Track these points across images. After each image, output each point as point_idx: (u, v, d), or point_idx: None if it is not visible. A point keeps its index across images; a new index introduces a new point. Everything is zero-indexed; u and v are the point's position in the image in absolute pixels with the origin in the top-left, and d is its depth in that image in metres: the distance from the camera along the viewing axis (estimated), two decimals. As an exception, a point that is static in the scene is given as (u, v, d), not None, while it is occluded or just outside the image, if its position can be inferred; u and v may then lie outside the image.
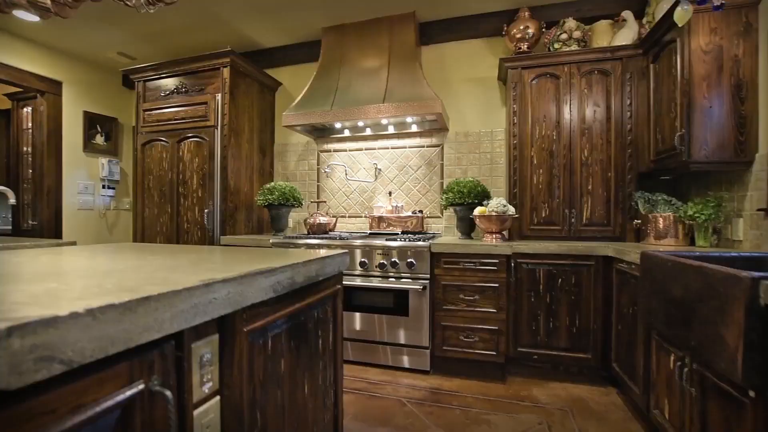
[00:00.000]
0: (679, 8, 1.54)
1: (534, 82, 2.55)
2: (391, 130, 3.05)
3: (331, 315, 1.29)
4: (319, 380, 1.20)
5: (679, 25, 1.73)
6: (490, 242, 2.34)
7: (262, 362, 0.90)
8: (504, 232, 2.47)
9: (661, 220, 2.18)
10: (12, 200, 1.47)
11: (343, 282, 1.42)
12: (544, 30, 2.64)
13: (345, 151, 3.26)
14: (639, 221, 2.32)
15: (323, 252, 1.26)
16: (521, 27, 2.61)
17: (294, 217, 3.35)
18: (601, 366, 2.22)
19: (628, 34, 2.44)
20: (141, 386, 0.58)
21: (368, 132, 3.11)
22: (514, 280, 2.31)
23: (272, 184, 2.93)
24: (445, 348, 2.35)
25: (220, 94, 2.87)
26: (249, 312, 0.84)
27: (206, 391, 0.73)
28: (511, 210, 2.36)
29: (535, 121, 2.54)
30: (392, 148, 3.14)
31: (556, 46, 2.57)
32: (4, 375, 0.40)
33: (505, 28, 2.69)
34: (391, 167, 3.13)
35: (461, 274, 2.31)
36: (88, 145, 3.69)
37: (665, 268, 1.45)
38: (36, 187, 3.53)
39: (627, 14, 2.46)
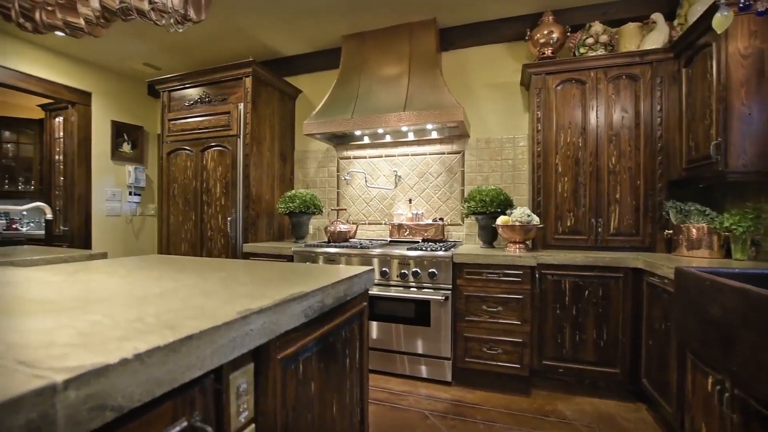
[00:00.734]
0: (718, 14, 1.47)
1: (559, 87, 2.49)
2: (411, 136, 3.03)
3: (358, 333, 1.28)
4: (346, 399, 1.20)
5: (718, 32, 1.66)
6: (514, 253, 2.30)
7: (294, 387, 0.90)
8: (528, 242, 2.43)
9: (694, 231, 2.10)
10: (48, 215, 1.52)
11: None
12: (569, 34, 2.58)
13: (365, 158, 3.26)
14: (670, 231, 2.24)
15: (350, 270, 1.25)
16: (545, 32, 2.55)
17: (314, 223, 3.37)
18: (630, 381, 2.15)
19: (658, 37, 2.36)
20: (184, 424, 0.58)
21: (388, 139, 3.11)
22: (538, 292, 2.27)
23: (293, 192, 2.96)
24: (467, 359, 2.32)
25: (242, 104, 2.91)
26: (282, 339, 0.84)
27: (242, 420, 0.74)
28: (536, 220, 2.32)
29: (559, 127, 2.49)
30: (412, 155, 3.12)
31: (582, 50, 2.51)
32: (61, 427, 0.41)
33: (529, 33, 2.64)
34: (411, 174, 3.12)
35: (484, 285, 2.28)
36: (116, 154, 3.81)
37: (702, 286, 1.39)
38: (67, 194, 3.66)
39: (657, 17, 2.38)
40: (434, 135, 2.97)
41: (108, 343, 0.53)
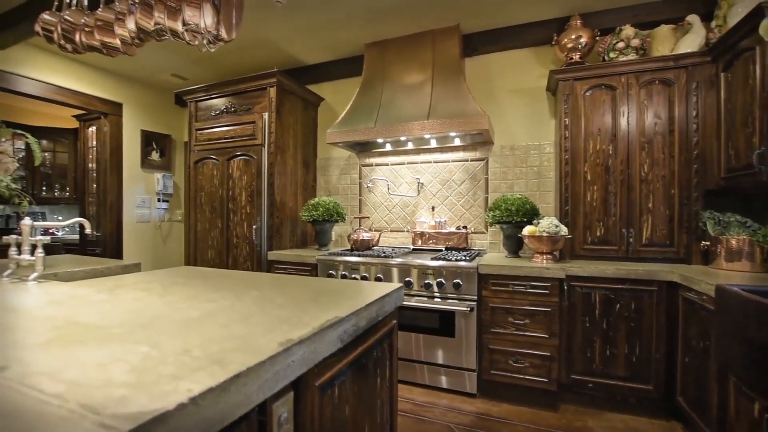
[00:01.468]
0: (765, 21, 1.40)
1: (587, 93, 2.43)
2: (433, 144, 3.01)
3: (388, 351, 1.28)
4: (377, 418, 1.20)
5: (766, 39, 1.58)
6: (541, 264, 2.25)
7: (330, 411, 0.91)
8: (555, 252, 2.37)
9: (734, 243, 2.00)
10: (88, 230, 1.58)
11: (397, 315, 1.41)
12: (597, 38, 2.51)
13: (387, 165, 3.26)
14: (707, 243, 2.15)
15: (381, 288, 1.25)
16: (573, 36, 2.49)
17: (336, 230, 3.39)
18: (664, 398, 2.07)
19: (694, 40, 2.27)
20: (232, 459, 0.59)
21: (410, 146, 3.10)
22: (567, 304, 2.21)
23: (316, 200, 2.98)
24: (492, 372, 2.28)
25: (267, 113, 2.96)
26: (319, 365, 0.84)
27: (282, 449, 0.75)
28: (564, 230, 2.26)
29: (588, 134, 2.42)
30: (435, 162, 3.10)
31: (612, 55, 2.44)
32: (124, 475, 0.42)
33: (555, 38, 2.59)
34: (433, 181, 3.10)
35: (510, 297, 2.24)
36: (145, 162, 3.93)
37: (747, 308, 1.32)
38: (99, 201, 3.80)
39: (693, 18, 2.29)
40: (457, 142, 2.94)
41: (162, 382, 0.54)
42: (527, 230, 2.33)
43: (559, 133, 2.55)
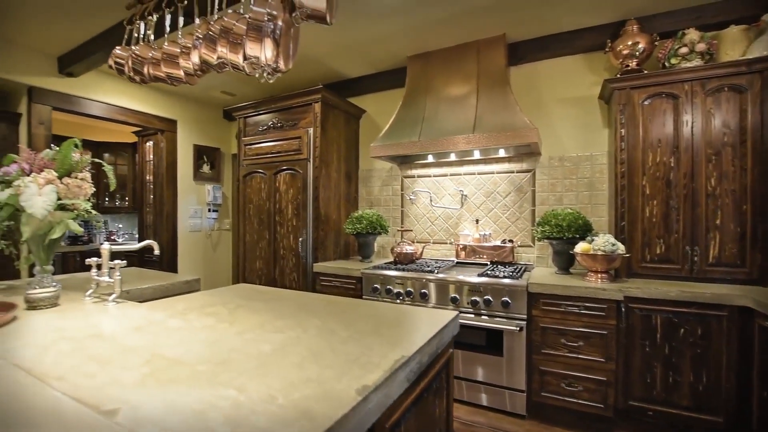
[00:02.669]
0: None
1: (646, 102, 2.29)
2: (477, 155, 2.96)
3: (446, 381, 1.28)
4: (435, 450, 1.20)
5: None
6: (596, 283, 2.15)
7: (396, 450, 0.92)
8: (611, 271, 2.26)
9: (820, 266, 1.82)
10: (156, 251, 1.69)
11: (453, 342, 1.39)
12: (657, 43, 2.37)
13: (429, 176, 3.25)
14: (787, 264, 1.97)
15: (439, 318, 1.25)
16: (629, 42, 2.37)
17: (379, 241, 3.42)
18: (737, 432, 1.92)
19: (769, 43, 2.08)
20: None
21: (453, 158, 3.06)
22: (624, 327, 2.10)
23: (359, 212, 3.02)
24: (543, 394, 2.21)
25: (311, 129, 3.03)
26: (390, 407, 0.85)
27: (358, 492, 0.76)
28: (621, 249, 2.15)
29: (647, 146, 2.29)
30: (479, 173, 3.05)
31: (673, 61, 2.29)
32: None
33: (609, 44, 2.47)
34: (477, 193, 3.05)
35: (563, 318, 2.16)
36: (197, 174, 4.16)
37: None
38: (156, 212, 4.06)
39: (768, 19, 2.11)
40: (502, 153, 2.88)
41: (259, 439, 0.57)
42: (580, 248, 2.24)
43: (614, 144, 2.42)
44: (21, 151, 1.50)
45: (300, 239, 3.04)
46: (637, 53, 2.35)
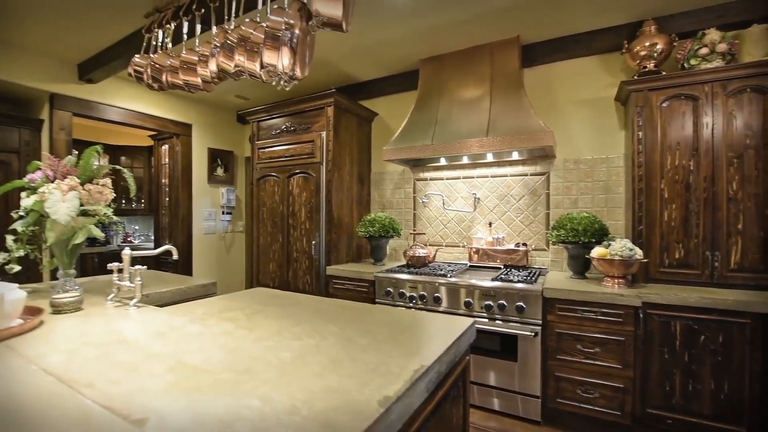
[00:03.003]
0: None
1: (664, 104, 2.25)
2: (490, 158, 2.94)
3: (462, 389, 1.27)
4: (452, 458, 1.20)
5: None
6: (613, 289, 2.12)
7: (415, 460, 0.92)
8: (628, 276, 2.22)
9: None
10: (175, 256, 1.72)
11: (469, 349, 1.39)
12: (675, 43, 2.32)
13: (441, 179, 3.24)
14: (813, 270, 1.91)
15: (456, 325, 1.25)
16: (647, 44, 2.33)
17: (391, 243, 3.42)
18: (761, 442, 1.87)
19: (794, 43, 2.03)
20: None
21: (465, 160, 3.05)
22: (642, 333, 2.07)
23: (372, 216, 3.03)
24: (558, 400, 2.19)
25: (324, 132, 3.05)
26: (410, 418, 0.85)
27: (379, 503, 0.76)
28: (639, 254, 2.12)
29: (665, 149, 2.25)
30: (492, 176, 3.03)
31: (693, 62, 2.24)
32: None
33: (626, 45, 2.43)
34: (490, 196, 3.03)
35: (579, 323, 2.13)
36: (211, 177, 4.22)
37: None
38: (172, 214, 4.12)
39: (792, 18, 2.05)
40: (515, 156, 2.85)
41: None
42: (597, 252, 2.21)
43: (631, 147, 2.39)
44: (44, 158, 1.54)
45: (313, 242, 3.06)
46: (655, 54, 2.31)
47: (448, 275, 2.51)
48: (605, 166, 2.68)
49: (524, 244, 2.81)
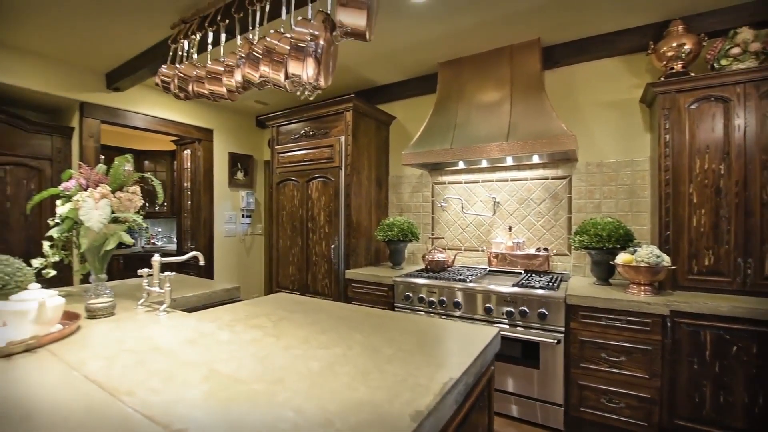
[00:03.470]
0: None
1: (693, 106, 2.19)
2: (509, 161, 2.91)
3: (487, 400, 1.27)
4: (477, 469, 1.19)
5: None
6: (639, 296, 2.07)
7: (444, 472, 0.92)
8: (654, 283, 2.17)
9: None
10: (201, 262, 1.76)
11: (493, 359, 1.38)
12: (705, 43, 2.25)
13: (460, 183, 3.22)
14: None
15: (481, 335, 1.24)
16: (674, 44, 2.26)
17: (409, 247, 3.42)
18: (798, 458, 1.80)
19: (833, 41, 1.94)
20: None
21: (485, 164, 3.02)
22: (670, 342, 2.01)
23: (391, 219, 3.04)
24: (582, 409, 2.15)
25: (343, 137, 3.07)
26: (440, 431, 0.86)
27: None
28: (666, 261, 2.06)
29: (694, 152, 2.18)
30: (512, 180, 3.00)
31: (724, 62, 2.17)
32: None
33: (652, 46, 2.37)
34: (510, 200, 3.00)
35: (603, 331, 2.09)
36: (232, 181, 4.30)
37: None
38: (194, 217, 4.22)
39: (832, 15, 1.96)
40: (536, 159, 2.81)
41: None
42: (622, 259, 2.16)
43: (657, 150, 2.32)
44: (76, 167, 1.60)
45: (332, 246, 3.09)
46: (683, 55, 2.25)
47: (468, 280, 2.50)
48: (629, 169, 2.61)
49: (545, 249, 2.77)
